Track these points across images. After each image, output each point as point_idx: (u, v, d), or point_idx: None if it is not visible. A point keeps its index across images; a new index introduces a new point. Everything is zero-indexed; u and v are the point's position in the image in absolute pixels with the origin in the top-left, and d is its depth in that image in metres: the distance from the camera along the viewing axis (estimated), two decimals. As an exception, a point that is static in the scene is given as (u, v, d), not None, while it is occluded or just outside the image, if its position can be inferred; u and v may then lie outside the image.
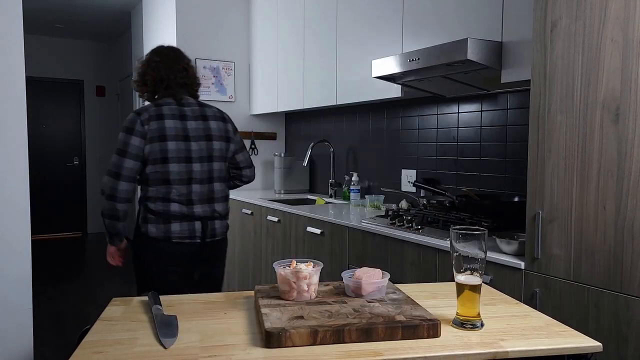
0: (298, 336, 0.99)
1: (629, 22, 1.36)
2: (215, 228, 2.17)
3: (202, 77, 4.02)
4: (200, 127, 2.11)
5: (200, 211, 2.09)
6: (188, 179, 2.06)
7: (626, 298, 1.39)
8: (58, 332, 3.53)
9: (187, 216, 2.07)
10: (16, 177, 2.09)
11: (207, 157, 2.11)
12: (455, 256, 1.07)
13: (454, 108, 2.71)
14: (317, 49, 3.29)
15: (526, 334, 1.05)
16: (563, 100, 1.53)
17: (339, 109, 3.66)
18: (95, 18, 5.99)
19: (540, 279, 1.60)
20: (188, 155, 2.06)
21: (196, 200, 2.09)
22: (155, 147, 2.00)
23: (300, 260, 1.25)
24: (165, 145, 2.01)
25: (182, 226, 2.06)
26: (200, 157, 2.09)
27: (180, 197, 2.05)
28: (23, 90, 2.10)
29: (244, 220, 3.63)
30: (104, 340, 1.02)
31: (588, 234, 1.47)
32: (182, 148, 2.05)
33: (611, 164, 1.41)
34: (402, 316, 1.07)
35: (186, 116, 2.09)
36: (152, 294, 1.26)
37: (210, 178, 2.13)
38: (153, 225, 2.05)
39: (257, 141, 4.30)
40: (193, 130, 2.09)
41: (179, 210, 2.05)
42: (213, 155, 2.13)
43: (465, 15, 2.19)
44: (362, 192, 3.38)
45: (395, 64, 2.30)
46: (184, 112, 2.10)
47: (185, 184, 2.06)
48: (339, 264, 2.57)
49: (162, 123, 2.02)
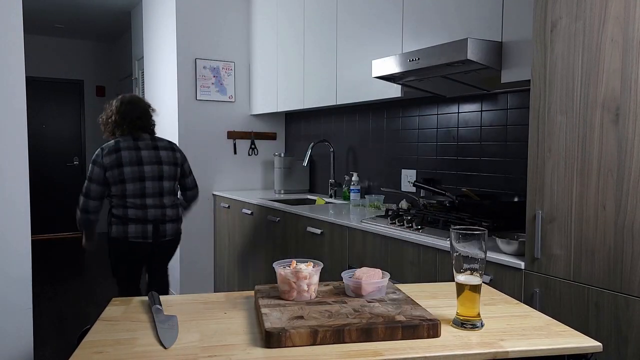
0: (298, 336, 0.99)
1: (629, 22, 1.36)
2: (166, 230, 2.77)
3: (202, 77, 4.03)
4: (152, 155, 2.74)
5: (152, 216, 2.71)
6: (142, 194, 2.69)
7: (626, 298, 1.39)
8: (58, 332, 3.53)
9: (141, 219, 2.68)
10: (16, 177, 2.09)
11: (158, 177, 2.74)
12: (455, 256, 1.07)
13: (454, 108, 2.71)
14: (317, 49, 3.29)
15: (526, 334, 1.05)
16: (563, 100, 1.53)
17: (339, 109, 3.66)
18: (95, 18, 5.99)
19: (540, 279, 1.60)
20: (142, 175, 2.69)
21: (150, 206, 2.70)
22: (114, 172, 2.65)
23: (300, 260, 1.25)
24: (122, 169, 2.65)
25: (136, 228, 2.68)
26: (152, 177, 2.72)
27: (135, 206, 2.67)
28: (23, 90, 2.10)
29: (244, 220, 3.63)
30: (104, 340, 1.02)
31: (588, 234, 1.47)
32: (136, 170, 2.68)
33: (611, 164, 1.41)
34: (402, 316, 1.07)
35: (140, 148, 2.73)
36: (152, 294, 1.26)
37: (161, 193, 2.75)
38: (114, 226, 2.70)
39: (257, 141, 4.30)
40: (146, 157, 2.72)
41: (134, 215, 2.68)
42: (163, 176, 2.76)
43: (465, 15, 2.19)
44: (362, 192, 3.38)
45: (395, 64, 2.30)
46: (138, 145, 2.73)
47: (139, 197, 2.69)
48: (339, 264, 2.57)
49: (119, 153, 2.67)
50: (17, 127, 2.09)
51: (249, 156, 4.28)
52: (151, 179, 2.71)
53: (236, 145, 4.21)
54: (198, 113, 4.05)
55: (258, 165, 4.32)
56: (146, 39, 4.79)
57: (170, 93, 4.11)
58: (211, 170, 4.13)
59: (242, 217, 3.66)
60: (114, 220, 2.70)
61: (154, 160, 2.74)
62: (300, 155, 4.05)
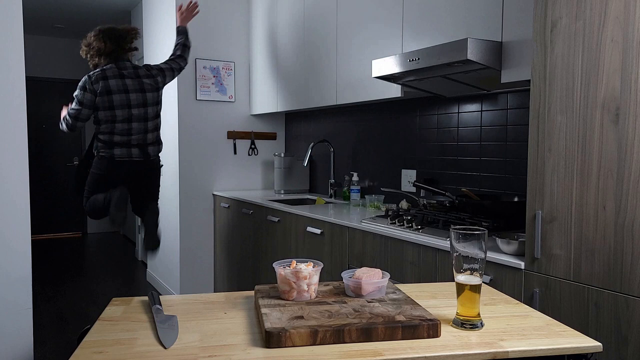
0: (298, 336, 0.99)
1: (629, 22, 1.36)
2: (149, 152, 3.07)
3: (202, 77, 4.03)
4: (136, 83, 3.02)
5: (135, 140, 3.01)
6: (129, 119, 2.98)
7: (626, 298, 1.39)
8: (58, 332, 3.53)
9: (126, 143, 2.98)
10: (16, 177, 2.09)
11: (143, 104, 3.03)
12: (455, 256, 1.07)
13: (454, 108, 2.71)
14: (317, 49, 3.29)
15: (526, 334, 1.05)
16: (563, 100, 1.53)
17: (339, 109, 3.66)
18: (95, 18, 5.99)
19: (540, 279, 1.60)
20: (128, 102, 2.98)
21: (135, 131, 3.00)
22: (104, 99, 2.92)
23: (300, 260, 1.25)
24: (111, 97, 2.93)
25: (122, 151, 2.98)
26: (137, 104, 3.00)
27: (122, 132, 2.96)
28: (23, 90, 2.10)
29: (244, 220, 3.63)
30: (104, 340, 1.02)
31: (588, 234, 1.47)
32: (124, 98, 2.95)
33: (611, 164, 1.41)
34: (402, 316, 1.07)
35: (124, 76, 3.00)
36: (152, 294, 1.26)
37: (146, 118, 3.04)
38: (102, 150, 2.97)
39: (257, 141, 4.30)
40: (130, 85, 2.99)
41: (120, 140, 2.97)
42: (147, 102, 3.04)
43: (465, 15, 2.19)
44: (362, 192, 3.38)
45: (395, 64, 2.30)
46: (123, 74, 3.00)
47: (127, 122, 2.97)
48: (339, 264, 2.57)
49: (107, 82, 2.93)
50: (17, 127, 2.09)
51: (249, 156, 4.28)
52: (136, 106, 2.99)
53: (236, 145, 4.21)
54: (198, 113, 4.05)
55: (258, 165, 4.32)
56: (146, 39, 4.79)
57: (170, 93, 4.11)
58: (211, 170, 4.13)
59: (242, 217, 3.66)
60: (100, 145, 2.96)
61: (138, 87, 3.02)
62: (300, 155, 4.05)
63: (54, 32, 6.72)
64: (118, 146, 2.95)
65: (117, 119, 2.94)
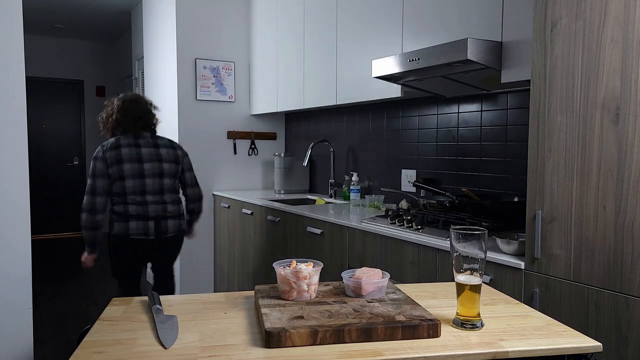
0: (298, 336, 0.99)
1: (629, 22, 1.36)
2: (168, 226, 2.77)
3: (202, 77, 4.03)
4: (152, 152, 2.76)
5: (153, 212, 2.71)
6: (142, 192, 2.70)
7: (626, 298, 1.39)
8: (58, 332, 3.53)
9: (143, 216, 2.69)
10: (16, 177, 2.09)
11: (159, 174, 2.76)
12: (455, 256, 1.07)
13: (454, 108, 2.71)
14: (317, 49, 3.29)
15: (526, 334, 1.05)
16: (563, 100, 1.53)
17: (339, 109, 3.66)
18: (95, 18, 5.99)
19: (540, 279, 1.60)
20: (142, 172, 2.71)
21: (150, 203, 2.71)
22: (114, 169, 2.66)
23: (300, 260, 1.25)
24: (122, 166, 2.67)
25: (138, 224, 2.68)
26: (152, 174, 2.73)
27: (136, 203, 2.68)
28: (23, 90, 2.10)
29: (244, 220, 3.63)
30: (104, 340, 1.02)
31: (588, 234, 1.47)
32: (136, 167, 2.70)
33: (611, 164, 1.41)
34: (402, 316, 1.07)
35: (140, 145, 2.75)
36: (152, 294, 1.26)
37: (162, 190, 2.77)
38: (116, 223, 2.69)
39: (257, 141, 4.30)
40: (146, 154, 2.74)
41: (135, 211, 2.68)
42: (163, 173, 2.77)
43: (465, 15, 2.19)
44: (362, 192, 3.38)
45: (395, 64, 2.30)
46: (139, 143, 2.75)
47: (139, 195, 2.70)
48: (339, 264, 2.57)
49: (119, 150, 2.69)
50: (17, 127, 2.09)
51: (249, 156, 4.28)
52: (151, 176, 2.72)
53: (236, 145, 4.21)
54: (198, 113, 4.05)
55: (258, 165, 4.32)
56: (146, 39, 4.79)
57: (170, 93, 4.11)
58: (211, 170, 4.13)
59: (242, 217, 3.66)
60: (115, 217, 2.70)
61: (154, 157, 2.75)
62: (300, 155, 4.05)
63: (54, 32, 6.72)
64: (134, 219, 2.67)
65: (128, 191, 2.67)
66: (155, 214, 2.71)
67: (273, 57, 3.84)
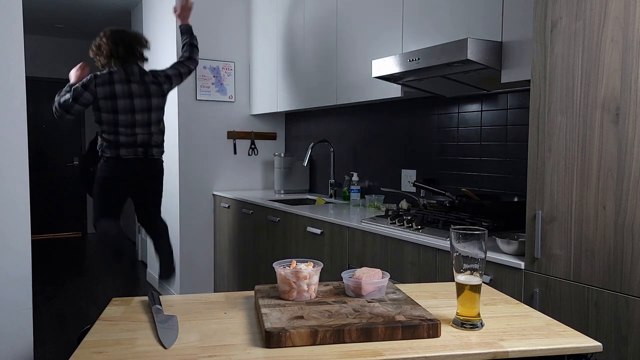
0: (298, 336, 0.99)
1: (629, 22, 1.36)
2: (154, 152, 3.13)
3: (202, 77, 4.02)
4: (142, 89, 3.06)
5: (141, 141, 3.06)
6: (132, 124, 3.02)
7: (626, 298, 1.39)
8: (58, 332, 3.53)
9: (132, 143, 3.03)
10: (16, 177, 2.09)
11: (147, 109, 3.08)
12: (455, 256, 1.07)
13: (454, 108, 2.71)
14: (317, 49, 3.29)
15: (526, 334, 1.05)
16: (563, 100, 1.53)
17: (339, 109, 3.66)
18: (95, 18, 5.99)
19: (540, 279, 1.60)
20: (132, 108, 3.02)
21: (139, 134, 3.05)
22: (108, 103, 2.96)
23: (300, 260, 1.25)
24: (116, 102, 2.97)
25: (128, 150, 3.03)
26: (141, 109, 3.05)
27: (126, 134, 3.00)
28: (23, 90, 2.10)
29: (244, 220, 3.63)
30: (104, 340, 1.02)
31: (588, 234, 1.47)
32: (128, 103, 3.00)
33: (611, 164, 1.41)
34: (402, 316, 1.07)
35: (131, 81, 3.03)
36: (152, 293, 1.26)
37: (149, 123, 3.09)
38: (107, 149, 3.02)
39: (257, 141, 4.30)
40: (136, 90, 3.03)
41: (125, 140, 3.01)
42: (151, 108, 3.09)
43: (465, 15, 2.19)
44: (362, 192, 3.38)
45: (395, 64, 2.30)
46: (130, 79, 3.03)
47: (130, 127, 3.01)
48: (339, 264, 2.57)
49: (113, 86, 2.97)
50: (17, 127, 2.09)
51: (249, 156, 4.28)
52: (140, 111, 3.04)
53: (236, 145, 4.21)
54: (198, 113, 4.05)
55: (258, 165, 4.32)
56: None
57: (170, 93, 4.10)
58: (211, 170, 4.13)
59: (242, 217, 3.66)
60: (106, 144, 3.01)
61: (144, 93, 3.06)
62: (300, 155, 4.05)
63: (54, 32, 6.72)
64: (124, 147, 3.00)
65: (120, 123, 2.98)
66: (142, 142, 3.06)
67: (273, 57, 3.84)
